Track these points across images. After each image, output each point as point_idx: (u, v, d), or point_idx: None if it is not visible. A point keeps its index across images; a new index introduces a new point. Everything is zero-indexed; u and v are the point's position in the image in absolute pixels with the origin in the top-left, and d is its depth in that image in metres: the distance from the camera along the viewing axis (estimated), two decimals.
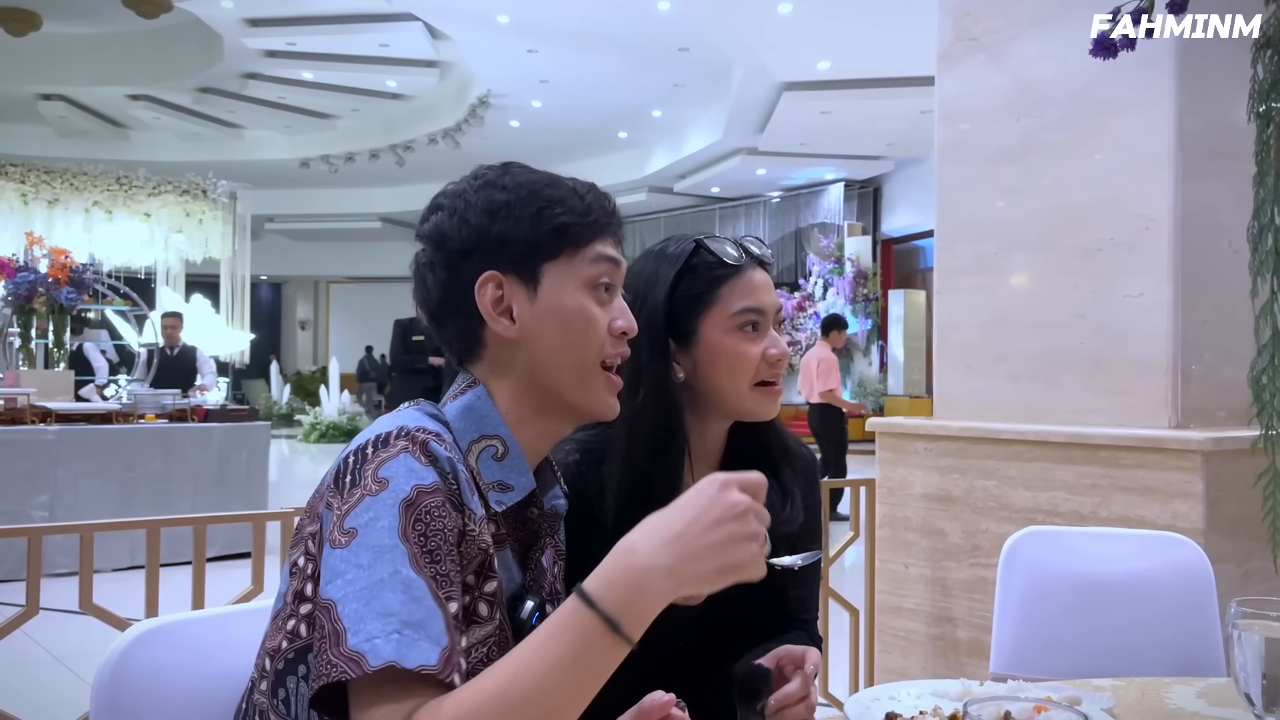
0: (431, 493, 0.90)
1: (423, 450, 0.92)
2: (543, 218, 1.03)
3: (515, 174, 1.06)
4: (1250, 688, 1.04)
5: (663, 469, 1.36)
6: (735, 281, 1.37)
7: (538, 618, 1.00)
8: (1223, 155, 2.46)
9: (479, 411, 1.03)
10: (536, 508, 1.07)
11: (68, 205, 9.33)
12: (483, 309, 1.02)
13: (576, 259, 1.04)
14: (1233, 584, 2.19)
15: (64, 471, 6.05)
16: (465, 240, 1.03)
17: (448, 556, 0.89)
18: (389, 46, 11.89)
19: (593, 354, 1.04)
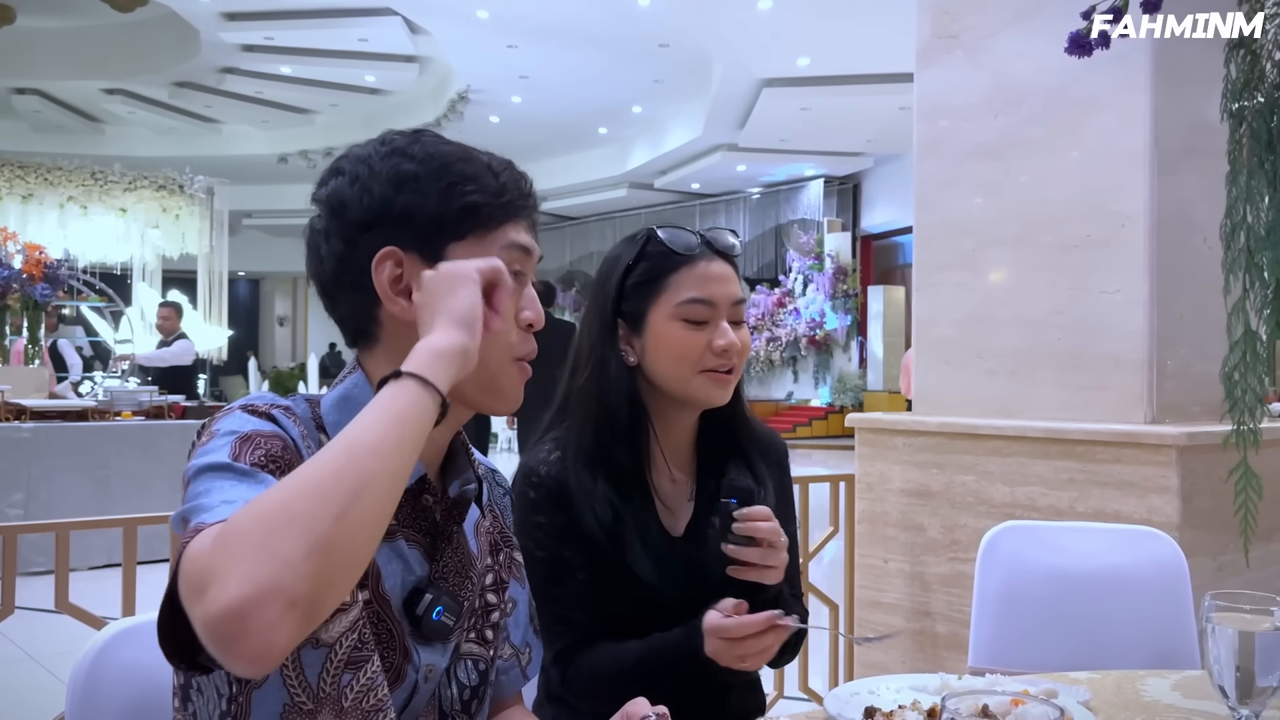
0: (271, 436, 0.86)
1: (264, 413, 0.89)
2: (452, 194, 0.96)
3: (426, 143, 0.99)
4: (1224, 680, 1.06)
5: (624, 447, 1.40)
6: (686, 271, 1.39)
7: (439, 612, 0.96)
8: (1197, 152, 2.48)
9: (356, 400, 0.96)
10: (431, 495, 0.99)
11: (42, 200, 9.24)
12: (379, 287, 0.94)
13: (485, 242, 0.96)
14: (1207, 577, 2.21)
15: (39, 469, 5.99)
16: (366, 211, 0.95)
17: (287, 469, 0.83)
18: (368, 41, 11.83)
19: (501, 349, 0.97)
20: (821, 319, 15.50)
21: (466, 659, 1.05)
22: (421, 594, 0.96)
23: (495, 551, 1.12)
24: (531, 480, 1.41)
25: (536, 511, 1.39)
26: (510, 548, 1.15)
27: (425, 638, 0.97)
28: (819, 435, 14.67)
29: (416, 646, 0.96)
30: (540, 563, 1.37)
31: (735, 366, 1.40)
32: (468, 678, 1.05)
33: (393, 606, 0.94)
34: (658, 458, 1.45)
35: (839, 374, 15.60)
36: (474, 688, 1.06)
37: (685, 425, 1.47)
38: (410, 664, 0.96)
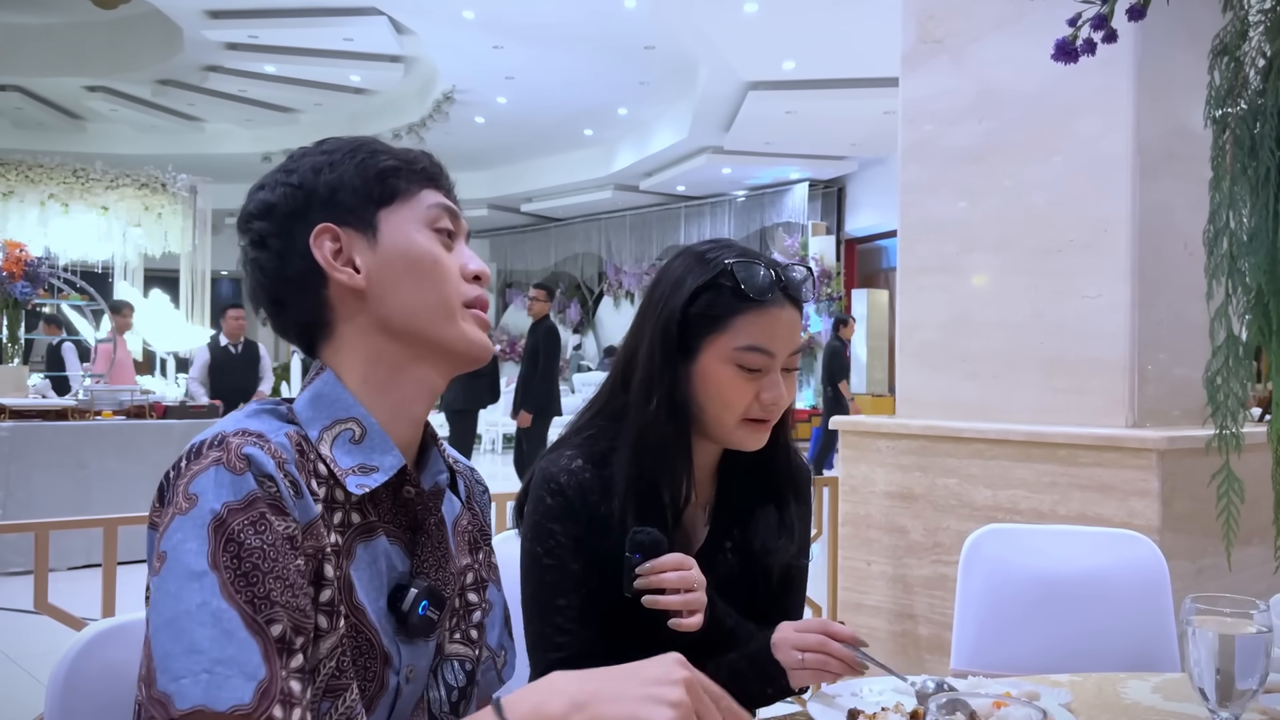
0: (245, 507, 0.83)
1: (237, 457, 0.85)
2: (368, 165, 1.00)
3: (332, 141, 1.04)
4: (1204, 682, 1.06)
5: (670, 476, 1.35)
6: (754, 315, 1.30)
7: (425, 607, 0.95)
8: (1179, 158, 2.50)
9: (328, 397, 0.97)
10: (412, 486, 0.99)
11: (23, 198, 9.18)
12: (322, 261, 0.97)
13: (412, 203, 1.01)
14: (1187, 580, 2.23)
15: (17, 468, 5.94)
16: (294, 202, 0.98)
17: (270, 574, 0.82)
18: (353, 41, 11.78)
19: (451, 294, 1.00)
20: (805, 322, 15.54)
21: (453, 660, 1.05)
22: (405, 590, 0.95)
23: (475, 550, 1.11)
24: (550, 487, 1.35)
25: (551, 519, 1.34)
26: (488, 546, 1.14)
27: (411, 634, 0.96)
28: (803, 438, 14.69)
29: (399, 646, 0.96)
30: (547, 570, 1.34)
31: (775, 416, 1.34)
32: (455, 679, 1.05)
33: (369, 614, 0.93)
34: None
35: None
36: (461, 689, 1.05)
37: (711, 451, 1.41)
38: (391, 668, 0.95)
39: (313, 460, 0.92)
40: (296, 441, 0.91)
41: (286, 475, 0.87)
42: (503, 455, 13.23)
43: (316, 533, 0.88)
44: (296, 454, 0.90)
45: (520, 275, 20.38)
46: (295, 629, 0.83)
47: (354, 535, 0.93)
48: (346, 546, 0.92)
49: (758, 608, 1.42)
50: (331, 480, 0.92)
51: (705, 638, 1.29)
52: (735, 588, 1.40)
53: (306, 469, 0.91)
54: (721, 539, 1.41)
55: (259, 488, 0.84)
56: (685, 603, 1.23)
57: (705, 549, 1.41)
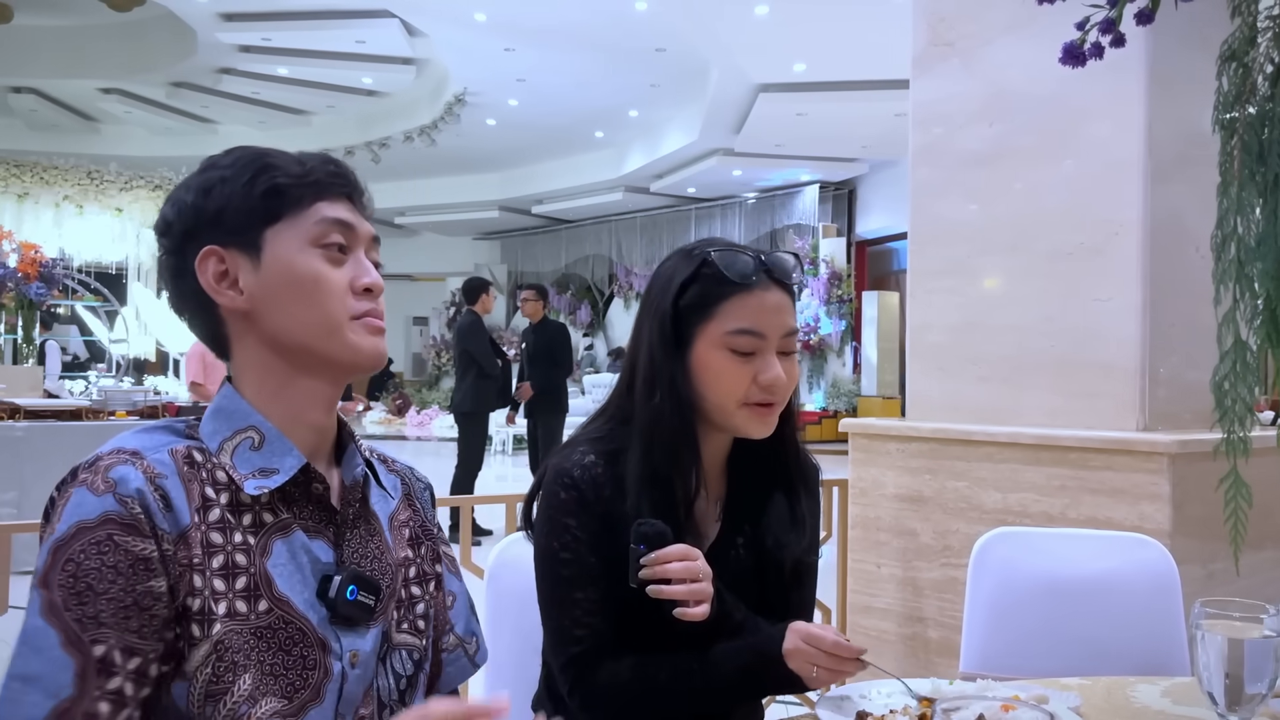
0: (94, 527, 0.86)
1: (103, 479, 0.89)
2: (256, 183, 1.01)
3: (238, 151, 1.04)
4: (1213, 687, 1.06)
5: (679, 469, 1.36)
6: (741, 299, 1.33)
7: (354, 592, 0.99)
8: (1190, 161, 2.49)
9: (227, 410, 1.01)
10: (319, 483, 1.02)
11: (38, 199, 9.23)
12: (205, 284, 1.00)
13: (299, 221, 1.01)
14: (1197, 584, 2.22)
15: (32, 468, 5.98)
16: (185, 223, 1.01)
17: (104, 595, 0.85)
18: (365, 43, 11.82)
19: (335, 311, 1.01)
20: (816, 324, 15.51)
21: (400, 649, 1.08)
22: (330, 578, 0.99)
23: (416, 544, 1.15)
24: (564, 482, 1.37)
25: (566, 514, 1.36)
26: (431, 540, 1.18)
27: (347, 620, 1.00)
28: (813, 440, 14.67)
29: (336, 634, 0.99)
30: (564, 565, 1.35)
31: (779, 401, 1.35)
32: (403, 668, 1.08)
33: (295, 605, 0.97)
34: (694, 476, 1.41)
35: (833, 379, 15.60)
36: (409, 677, 1.09)
37: (720, 445, 1.42)
38: (331, 654, 0.98)
39: (209, 470, 0.96)
40: (185, 456, 0.96)
41: (157, 490, 0.91)
42: (513, 457, 13.24)
43: (188, 541, 0.91)
44: (185, 466, 0.95)
45: (531, 277, 20.40)
46: (126, 650, 0.86)
47: (269, 533, 0.98)
48: (262, 544, 0.97)
49: (769, 602, 1.43)
50: (233, 486, 0.97)
51: (716, 631, 1.30)
52: (747, 583, 1.41)
53: (199, 479, 0.95)
54: (734, 534, 1.42)
55: (116, 508, 0.88)
56: (691, 593, 1.24)
57: (718, 544, 1.42)
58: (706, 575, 1.27)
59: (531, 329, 7.76)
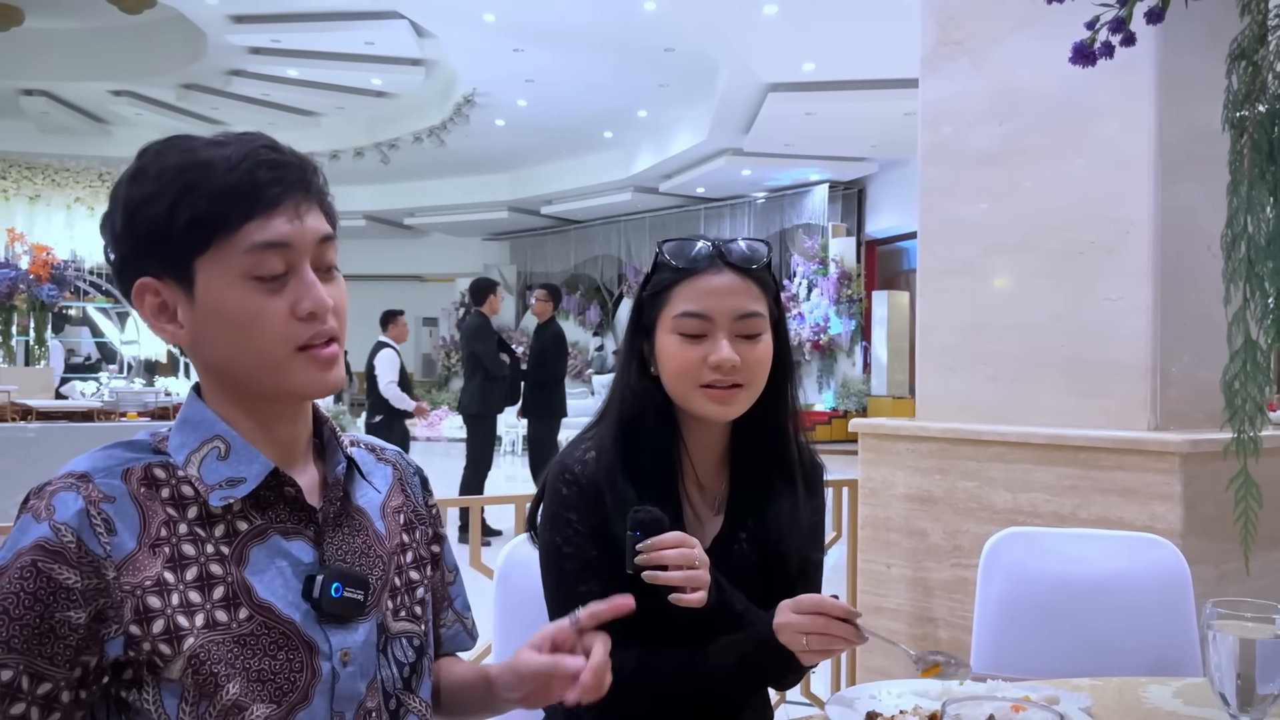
0: (25, 551, 0.87)
1: (45, 505, 0.90)
2: (178, 210, 0.91)
3: (162, 157, 0.94)
4: (1225, 687, 1.06)
5: (653, 456, 1.39)
6: (688, 284, 1.37)
7: (339, 589, 0.99)
8: (1201, 159, 2.48)
9: (193, 420, 1.00)
10: (291, 486, 1.00)
11: (49, 201, 9.26)
12: (146, 321, 0.97)
13: (228, 249, 0.93)
14: (1209, 585, 2.21)
15: (44, 469, 5.95)
16: (117, 245, 0.97)
17: (17, 621, 0.85)
18: (374, 44, 11.84)
19: (275, 345, 0.95)
20: (826, 324, 15.49)
21: (401, 638, 1.08)
22: (313, 578, 0.99)
23: (410, 529, 1.15)
24: (566, 478, 1.40)
25: (569, 509, 1.39)
26: (424, 524, 1.18)
27: (337, 618, 1.00)
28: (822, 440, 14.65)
29: (325, 633, 0.99)
30: (566, 559, 1.38)
31: (742, 382, 1.36)
32: (405, 655, 1.08)
33: (279, 610, 0.97)
34: (687, 467, 1.44)
35: (843, 379, 15.58)
36: (412, 664, 1.09)
37: (712, 434, 1.44)
38: (319, 654, 0.98)
39: (173, 485, 0.96)
40: (142, 476, 0.95)
41: (99, 514, 0.90)
42: (522, 458, 13.26)
43: (135, 567, 0.91)
44: (141, 487, 0.94)
45: (540, 277, 20.41)
46: (34, 676, 0.86)
47: (244, 541, 0.97)
48: (238, 553, 0.96)
49: (773, 598, 1.43)
50: (200, 499, 0.96)
51: (715, 620, 1.31)
52: (751, 578, 1.42)
53: (159, 498, 0.94)
54: (736, 529, 1.44)
55: (49, 535, 0.88)
56: (687, 579, 1.26)
57: (720, 539, 1.44)
58: (704, 563, 1.29)
59: (536, 329, 7.75)
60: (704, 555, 1.30)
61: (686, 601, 1.26)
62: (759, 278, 1.40)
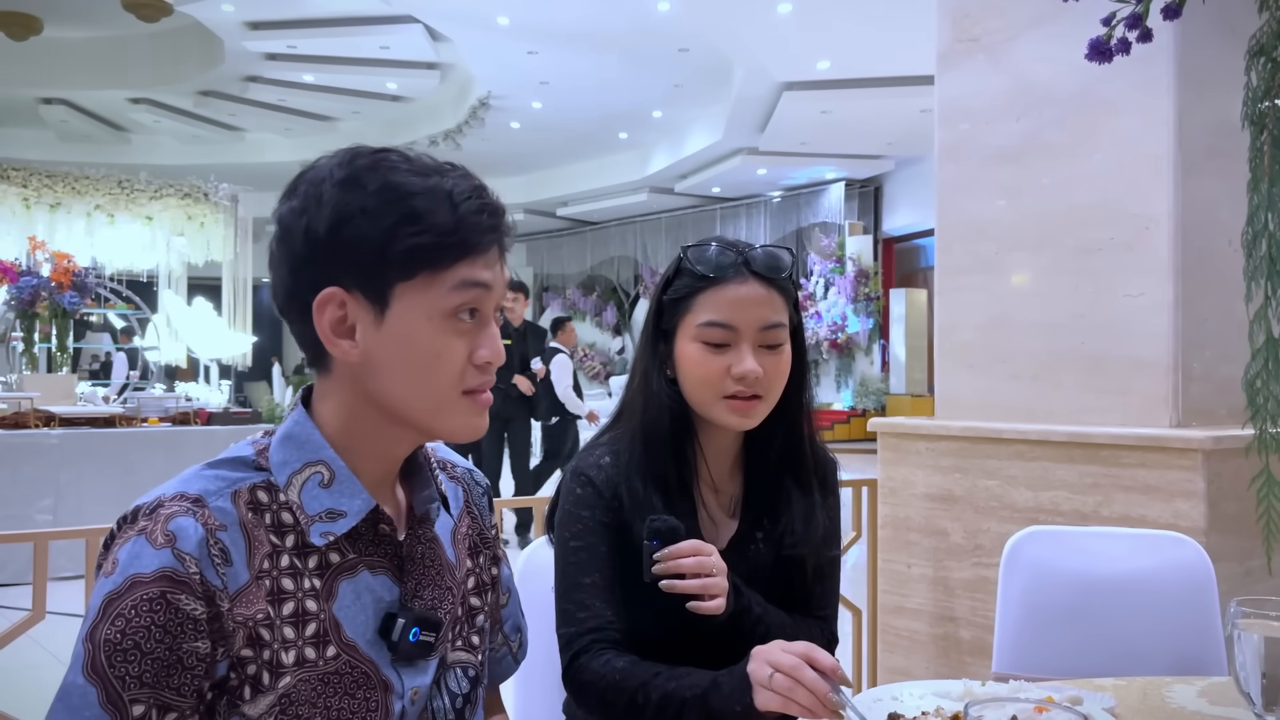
0: (149, 582, 0.84)
1: (162, 530, 0.86)
2: (398, 234, 0.90)
3: (383, 171, 0.92)
4: (1250, 687, 1.05)
5: (669, 459, 1.40)
6: (713, 292, 1.36)
7: (416, 634, 0.96)
8: (1221, 154, 2.47)
9: (299, 438, 0.96)
10: (386, 524, 0.98)
11: (69, 209, 9.33)
12: (320, 332, 0.92)
13: (435, 283, 0.91)
14: (1234, 583, 2.20)
15: (67, 475, 6.06)
16: (310, 244, 0.91)
17: (149, 655, 0.83)
18: (389, 49, 11.89)
19: (445, 386, 0.94)
20: (843, 322, 15.45)
21: (455, 668, 1.06)
22: (394, 619, 0.96)
23: (475, 554, 1.12)
24: (581, 479, 1.41)
25: (581, 507, 1.39)
26: (488, 547, 1.16)
27: (407, 660, 0.98)
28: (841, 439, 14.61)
29: (399, 673, 0.97)
30: (574, 552, 1.38)
31: (761, 394, 1.36)
32: (459, 686, 1.06)
33: (361, 649, 0.94)
34: (702, 471, 1.44)
35: (861, 377, 15.53)
36: (465, 694, 1.07)
37: (728, 439, 1.44)
38: (393, 694, 0.96)
39: (275, 511, 0.93)
40: (251, 498, 0.92)
41: (216, 544, 0.87)
42: None
43: (248, 600, 0.88)
44: (249, 512, 0.91)
45: (556, 279, 20.45)
46: (162, 708, 0.84)
47: (334, 574, 0.94)
48: (327, 588, 0.93)
49: (791, 597, 1.44)
50: (299, 528, 0.93)
51: (734, 625, 1.31)
52: (768, 578, 1.42)
53: (262, 524, 0.91)
54: (752, 530, 1.44)
55: (174, 564, 0.85)
56: (704, 586, 1.26)
57: (736, 541, 1.44)
58: (720, 570, 1.29)
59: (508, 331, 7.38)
60: (721, 562, 1.29)
61: (705, 609, 1.26)
62: (781, 286, 1.39)
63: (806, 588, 1.45)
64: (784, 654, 1.16)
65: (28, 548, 2.23)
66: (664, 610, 1.28)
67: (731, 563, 1.37)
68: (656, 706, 1.27)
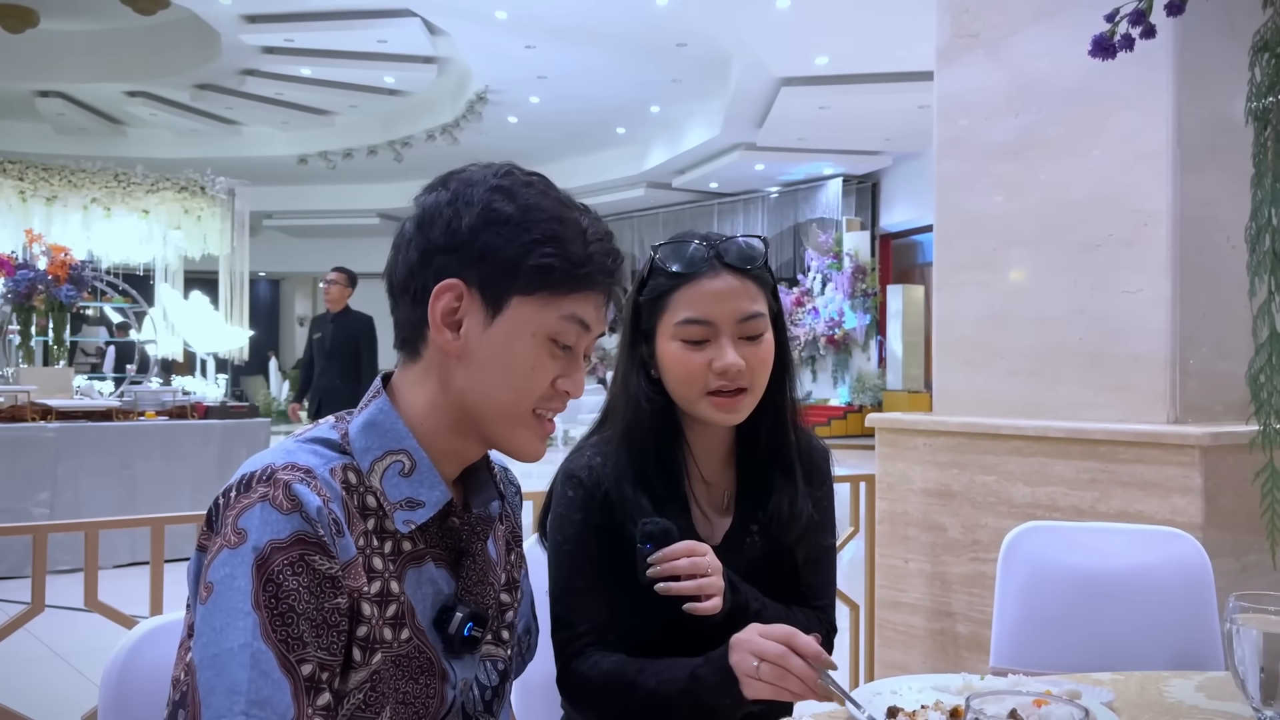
0: (287, 547, 0.86)
1: (285, 495, 0.88)
2: (533, 250, 0.96)
3: (534, 192, 0.99)
4: (1248, 681, 1.05)
5: (657, 457, 1.39)
6: (687, 289, 1.35)
7: (470, 628, 0.99)
8: (1221, 150, 2.47)
9: (382, 426, 0.99)
10: (457, 517, 1.02)
11: (66, 202, 9.31)
12: (431, 314, 0.97)
13: (549, 306, 0.98)
14: (1231, 578, 2.20)
15: (64, 469, 6.06)
16: (450, 235, 0.97)
17: (303, 616, 0.86)
18: (387, 42, 11.88)
19: (527, 400, 0.99)
20: (840, 318, 15.46)
21: (487, 661, 1.08)
22: (451, 612, 0.99)
23: (509, 550, 1.15)
24: (572, 482, 1.41)
25: (573, 510, 1.39)
26: (519, 545, 1.18)
27: (457, 653, 1.00)
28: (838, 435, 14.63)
29: (451, 664, 1.00)
30: (567, 556, 1.38)
31: (746, 386, 1.35)
32: (488, 679, 1.08)
33: (428, 636, 0.97)
34: (692, 468, 1.43)
35: (858, 373, 15.54)
36: (495, 687, 1.09)
37: (717, 435, 1.43)
38: (448, 683, 0.99)
39: (361, 493, 0.95)
40: (344, 477, 0.94)
41: (330, 514, 0.89)
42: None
43: (354, 572, 0.91)
44: (343, 490, 0.93)
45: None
46: (323, 666, 0.87)
47: (405, 561, 0.97)
48: (399, 572, 0.96)
49: (787, 588, 1.44)
50: (380, 512, 0.96)
51: (731, 622, 1.30)
52: (764, 570, 1.42)
53: (353, 504, 0.94)
54: (746, 524, 1.43)
55: (304, 527, 0.87)
56: (699, 587, 1.25)
57: (731, 534, 1.43)
58: (715, 569, 1.28)
59: (330, 318, 6.82)
60: (716, 561, 1.29)
61: (702, 609, 1.25)
62: (757, 276, 1.38)
63: (801, 577, 1.45)
64: (767, 643, 1.16)
65: (25, 541, 2.23)
66: (660, 611, 1.28)
67: (727, 558, 1.37)
68: (645, 704, 1.27)
